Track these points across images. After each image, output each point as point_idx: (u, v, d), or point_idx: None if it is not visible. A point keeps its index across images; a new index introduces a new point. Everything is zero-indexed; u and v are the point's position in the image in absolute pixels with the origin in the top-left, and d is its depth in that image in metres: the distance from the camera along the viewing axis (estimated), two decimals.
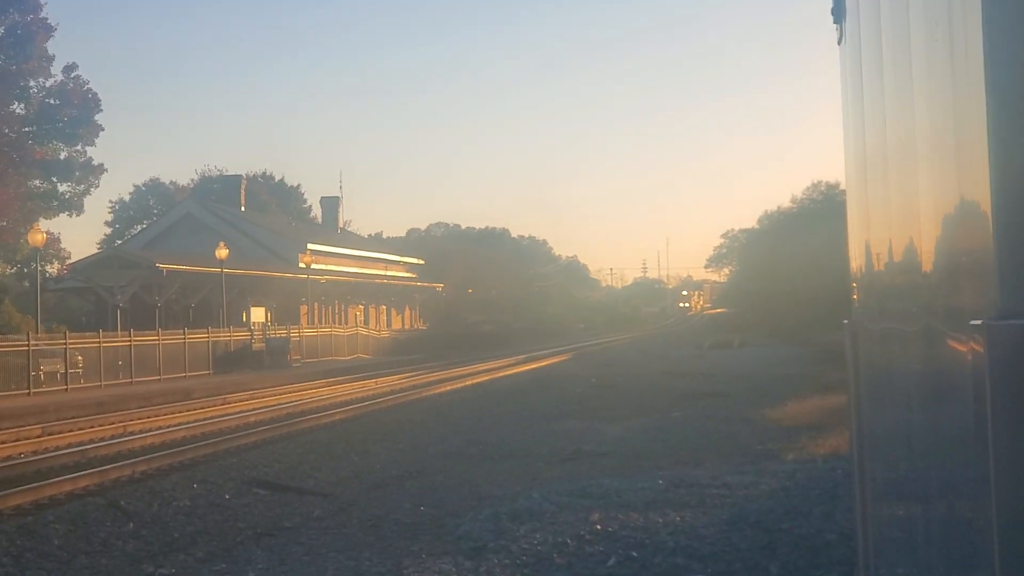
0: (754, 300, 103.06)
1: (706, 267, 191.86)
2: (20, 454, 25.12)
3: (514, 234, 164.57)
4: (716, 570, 10.37)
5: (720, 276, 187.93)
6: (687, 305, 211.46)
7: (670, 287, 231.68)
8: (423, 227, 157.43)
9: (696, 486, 14.73)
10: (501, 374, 52.76)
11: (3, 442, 27.26)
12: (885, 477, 6.18)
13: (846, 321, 7.63)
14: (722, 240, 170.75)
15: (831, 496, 13.50)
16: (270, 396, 41.28)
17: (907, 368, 4.55)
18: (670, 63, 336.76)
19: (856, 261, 7.24)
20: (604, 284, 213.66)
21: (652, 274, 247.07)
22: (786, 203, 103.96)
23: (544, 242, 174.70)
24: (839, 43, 7.44)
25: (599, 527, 12.11)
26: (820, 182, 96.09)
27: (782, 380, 39.09)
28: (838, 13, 7.33)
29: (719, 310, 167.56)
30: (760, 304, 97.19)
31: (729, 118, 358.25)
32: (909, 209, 4.19)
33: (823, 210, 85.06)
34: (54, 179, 60.04)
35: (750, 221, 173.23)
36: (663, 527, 12.06)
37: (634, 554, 10.96)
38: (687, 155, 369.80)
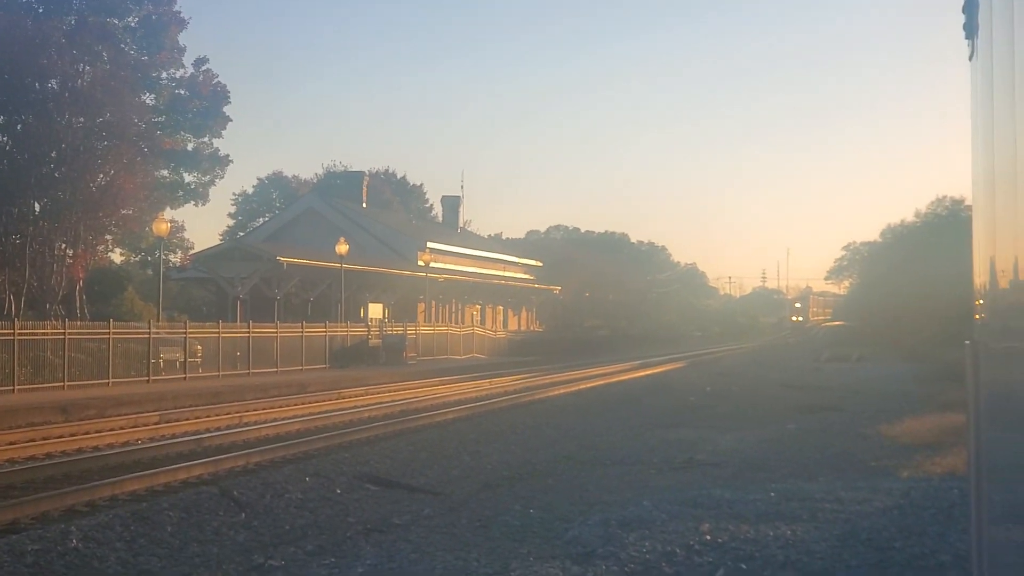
0: (873, 314, 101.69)
1: (826, 279, 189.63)
2: (137, 440, 25.62)
3: (633, 239, 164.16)
4: None
5: (840, 288, 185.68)
6: (800, 319, 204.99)
7: (789, 298, 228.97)
8: (542, 229, 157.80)
9: (808, 500, 14.53)
10: (615, 379, 52.57)
11: (121, 427, 27.84)
12: (1004, 500, 6.04)
13: (968, 342, 7.45)
14: (843, 252, 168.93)
15: (946, 516, 13.23)
16: (385, 392, 41.58)
17: None
18: (796, 73, 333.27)
19: (980, 278, 7.10)
20: (722, 293, 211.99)
21: (771, 284, 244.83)
22: (910, 217, 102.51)
23: (663, 248, 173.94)
24: (970, 59, 7.30)
25: (709, 538, 12.00)
26: (944, 197, 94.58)
27: (899, 396, 38.46)
28: (970, 29, 7.19)
29: (838, 323, 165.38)
30: (879, 318, 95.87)
31: (854, 128, 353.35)
32: None
33: (947, 226, 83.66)
34: (181, 169, 61.03)
35: (872, 234, 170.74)
36: (773, 540, 11.91)
37: (743, 567, 10.84)
38: (811, 164, 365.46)
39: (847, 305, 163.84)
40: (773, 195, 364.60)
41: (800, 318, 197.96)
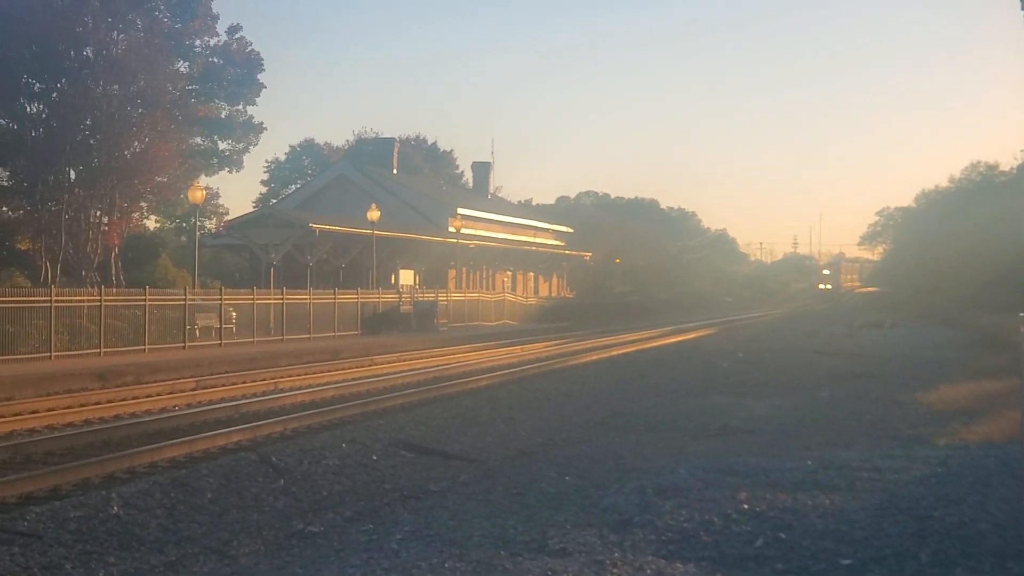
0: (907, 280, 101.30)
1: (859, 245, 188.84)
2: (175, 407, 25.80)
3: (663, 205, 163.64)
4: (866, 555, 10.22)
5: (874, 254, 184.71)
6: (829, 286, 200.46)
7: (821, 263, 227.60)
8: (572, 195, 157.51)
9: (845, 468, 14.52)
10: (647, 345, 52.57)
11: (159, 394, 28.02)
12: None
13: (1022, 314, 7.42)
14: (877, 218, 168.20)
15: (984, 485, 13.20)
16: (417, 359, 41.70)
17: None
18: (825, 34, 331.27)
19: None
20: (753, 259, 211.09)
21: (803, 250, 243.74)
22: (943, 182, 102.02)
23: (693, 214, 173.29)
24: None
25: (746, 506, 12.01)
26: (979, 162, 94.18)
27: (934, 363, 38.33)
28: None
29: (871, 289, 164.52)
30: (913, 284, 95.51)
31: (887, 92, 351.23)
32: None
33: (981, 192, 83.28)
34: (215, 137, 61.18)
35: (907, 199, 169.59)
36: (812, 509, 11.92)
37: (782, 536, 10.86)
38: (843, 129, 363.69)
39: (881, 271, 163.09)
40: (805, 160, 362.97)
41: (828, 285, 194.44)
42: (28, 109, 46.66)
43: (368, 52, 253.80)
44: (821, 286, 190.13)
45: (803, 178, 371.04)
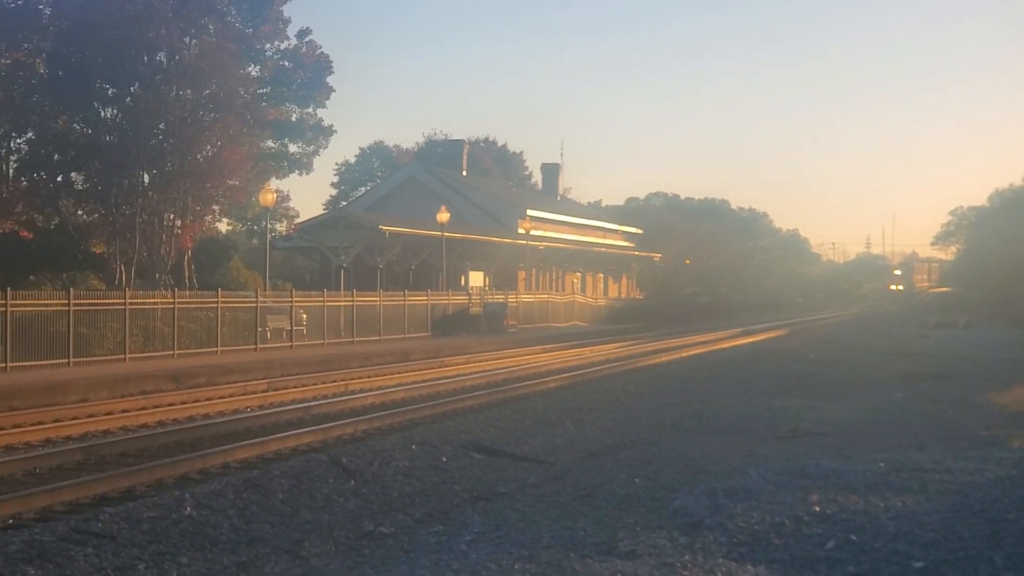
0: (981, 280, 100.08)
1: (932, 244, 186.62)
2: (247, 408, 26.01)
3: (734, 206, 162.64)
4: (938, 558, 10.13)
5: (947, 254, 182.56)
6: (900, 287, 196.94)
7: (893, 263, 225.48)
8: (642, 196, 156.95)
9: (918, 470, 14.39)
10: (717, 347, 52.35)
11: (231, 395, 28.26)
12: None
13: None
14: (950, 217, 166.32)
15: None
16: (487, 361, 41.75)
17: None
18: (900, 33, 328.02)
19: None
20: (825, 259, 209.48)
21: (876, 250, 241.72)
22: (1017, 181, 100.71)
23: (764, 215, 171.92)
24: None
25: (817, 508, 11.94)
26: None
27: (1008, 364, 37.89)
28: None
29: (944, 289, 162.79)
30: (987, 285, 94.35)
31: (961, 89, 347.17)
32: None
33: None
34: (286, 140, 61.46)
35: (980, 198, 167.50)
36: (884, 511, 11.82)
37: (853, 538, 10.78)
38: (916, 127, 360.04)
39: (954, 271, 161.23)
40: (879, 159, 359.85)
41: (900, 286, 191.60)
42: (102, 114, 47.17)
43: (437, 54, 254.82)
44: (893, 287, 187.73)
45: (876, 177, 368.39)
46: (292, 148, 62.81)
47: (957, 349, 47.08)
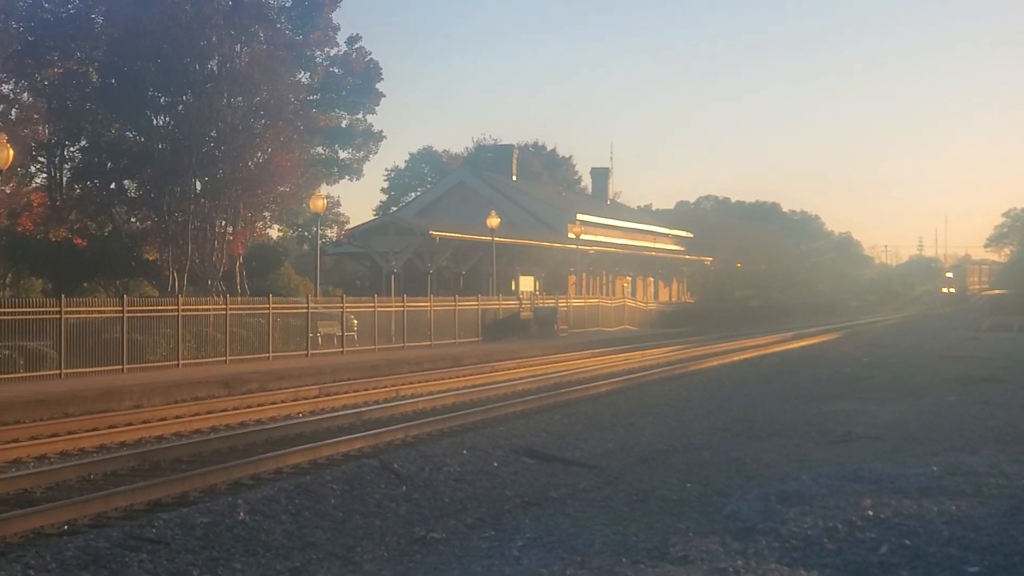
0: None
1: (986, 247, 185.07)
2: (298, 413, 26.15)
3: (785, 208, 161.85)
4: (993, 563, 10.04)
5: (1000, 256, 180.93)
6: (952, 289, 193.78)
7: (946, 265, 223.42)
8: (692, 200, 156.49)
9: (972, 474, 14.27)
10: (769, 350, 52.12)
11: (283, 401, 28.42)
12: None
13: None
14: (1003, 219, 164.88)
15: None
16: (537, 365, 41.75)
17: None
18: (952, 35, 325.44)
19: None
20: (877, 262, 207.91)
21: (929, 252, 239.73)
22: None
23: (816, 217, 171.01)
24: None
25: (871, 513, 11.86)
26: None
27: None
28: None
29: (997, 291, 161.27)
30: None
31: (1013, 89, 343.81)
32: None
33: None
34: (336, 146, 61.75)
35: None
36: (937, 516, 11.73)
37: (907, 543, 10.70)
38: (969, 129, 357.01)
39: (1007, 273, 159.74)
40: (931, 161, 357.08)
41: (952, 289, 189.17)
42: (154, 122, 47.62)
43: (486, 59, 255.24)
44: (945, 289, 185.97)
45: (929, 179, 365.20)
46: (342, 154, 63.12)
47: (1011, 352, 46.60)
